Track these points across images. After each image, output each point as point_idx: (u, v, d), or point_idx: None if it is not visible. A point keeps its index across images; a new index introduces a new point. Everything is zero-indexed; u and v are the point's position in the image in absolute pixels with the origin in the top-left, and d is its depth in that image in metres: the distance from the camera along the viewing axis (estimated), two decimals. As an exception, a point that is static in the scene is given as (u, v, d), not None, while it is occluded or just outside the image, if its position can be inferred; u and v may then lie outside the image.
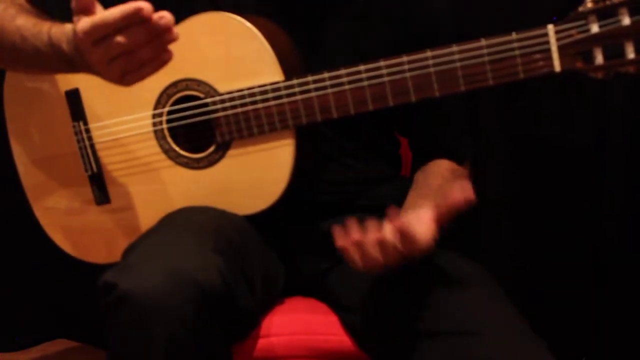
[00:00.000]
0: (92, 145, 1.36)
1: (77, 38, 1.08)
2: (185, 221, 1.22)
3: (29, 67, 1.30)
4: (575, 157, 1.78)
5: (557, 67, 1.08)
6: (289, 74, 1.22)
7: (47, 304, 2.15)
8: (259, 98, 1.22)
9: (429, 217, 1.11)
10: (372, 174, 1.39)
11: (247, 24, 1.23)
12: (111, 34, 1.05)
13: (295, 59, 1.26)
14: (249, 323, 1.23)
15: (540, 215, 1.82)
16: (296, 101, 1.21)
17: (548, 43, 1.08)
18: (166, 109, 1.29)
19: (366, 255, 1.09)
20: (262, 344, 1.26)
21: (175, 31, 1.05)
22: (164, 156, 1.31)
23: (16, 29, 1.22)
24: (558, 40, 1.07)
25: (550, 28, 1.08)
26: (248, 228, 1.28)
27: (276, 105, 1.22)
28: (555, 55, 1.08)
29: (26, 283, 2.12)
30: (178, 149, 1.30)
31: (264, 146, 1.24)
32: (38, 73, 1.33)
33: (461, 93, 1.13)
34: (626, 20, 1.04)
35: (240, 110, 1.24)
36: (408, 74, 1.14)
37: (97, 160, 1.36)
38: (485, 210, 1.86)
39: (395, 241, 1.07)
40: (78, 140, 1.36)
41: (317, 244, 1.34)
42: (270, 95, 1.22)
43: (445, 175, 1.34)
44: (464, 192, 1.08)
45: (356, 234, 1.08)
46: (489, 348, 1.09)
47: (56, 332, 2.20)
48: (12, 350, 2.15)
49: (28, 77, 1.38)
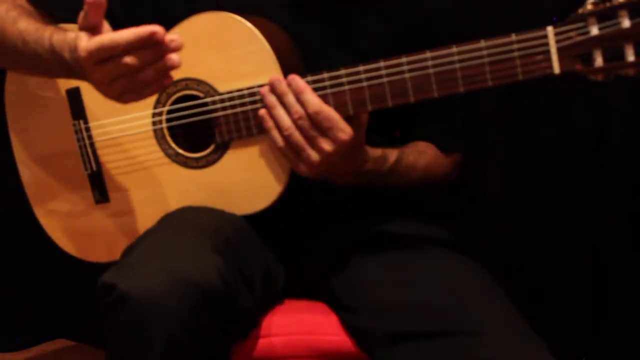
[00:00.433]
0: (92, 144, 1.36)
1: (80, 57, 1.07)
2: (184, 221, 1.22)
3: (30, 70, 1.30)
4: (575, 158, 1.78)
5: (557, 69, 1.08)
6: (288, 74, 1.22)
7: (47, 304, 2.15)
8: (259, 98, 1.22)
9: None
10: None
11: (248, 24, 1.22)
12: (119, 55, 1.05)
13: (295, 59, 1.26)
14: (249, 323, 1.23)
15: (540, 215, 1.82)
16: None
17: (547, 45, 1.07)
18: (166, 108, 1.29)
19: (278, 119, 1.16)
20: (262, 344, 1.26)
21: (178, 59, 1.06)
22: (163, 155, 1.31)
23: (18, 32, 1.22)
24: (557, 42, 1.07)
25: (550, 30, 1.07)
26: (247, 228, 1.27)
27: (276, 106, 1.22)
28: (554, 57, 1.07)
29: (26, 283, 2.12)
30: (177, 148, 1.30)
31: (263, 146, 1.24)
32: (39, 76, 1.33)
33: (460, 94, 1.13)
34: (626, 23, 1.03)
35: (239, 110, 1.24)
36: (407, 75, 1.14)
37: (97, 159, 1.36)
38: (485, 210, 1.86)
39: (309, 110, 1.14)
40: (78, 139, 1.36)
41: (316, 243, 1.34)
42: (270, 95, 1.22)
43: (421, 149, 1.36)
44: None
45: (272, 98, 1.17)
46: (489, 348, 1.09)
47: (56, 332, 2.20)
48: (12, 350, 2.15)
49: (29, 77, 1.38)
